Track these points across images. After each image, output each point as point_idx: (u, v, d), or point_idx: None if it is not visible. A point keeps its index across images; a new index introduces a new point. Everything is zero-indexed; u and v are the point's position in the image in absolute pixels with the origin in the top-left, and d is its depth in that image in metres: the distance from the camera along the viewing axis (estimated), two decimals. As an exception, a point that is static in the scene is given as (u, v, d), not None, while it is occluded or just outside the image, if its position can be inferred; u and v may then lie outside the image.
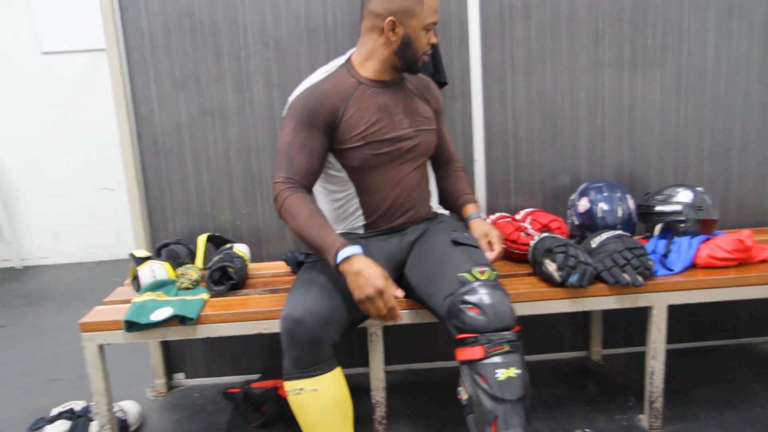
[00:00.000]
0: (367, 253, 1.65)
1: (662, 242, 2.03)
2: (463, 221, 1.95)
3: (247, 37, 2.25)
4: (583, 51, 2.30)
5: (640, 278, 1.81)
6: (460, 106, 2.31)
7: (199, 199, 2.34)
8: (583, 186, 2.20)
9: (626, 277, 1.80)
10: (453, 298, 1.56)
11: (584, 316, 2.46)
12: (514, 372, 1.48)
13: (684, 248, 1.97)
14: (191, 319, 1.78)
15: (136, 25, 2.21)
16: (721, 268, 1.93)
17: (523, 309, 1.82)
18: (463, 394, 1.52)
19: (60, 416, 1.99)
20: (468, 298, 1.53)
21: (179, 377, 2.47)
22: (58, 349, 2.93)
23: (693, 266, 1.96)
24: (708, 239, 1.99)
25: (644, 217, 2.14)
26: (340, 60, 1.81)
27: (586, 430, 1.76)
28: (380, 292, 1.50)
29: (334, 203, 1.86)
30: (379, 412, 1.91)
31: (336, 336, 1.59)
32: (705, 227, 2.06)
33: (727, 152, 2.41)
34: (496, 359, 1.48)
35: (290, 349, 1.55)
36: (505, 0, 2.26)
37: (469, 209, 1.96)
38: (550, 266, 1.85)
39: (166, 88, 2.27)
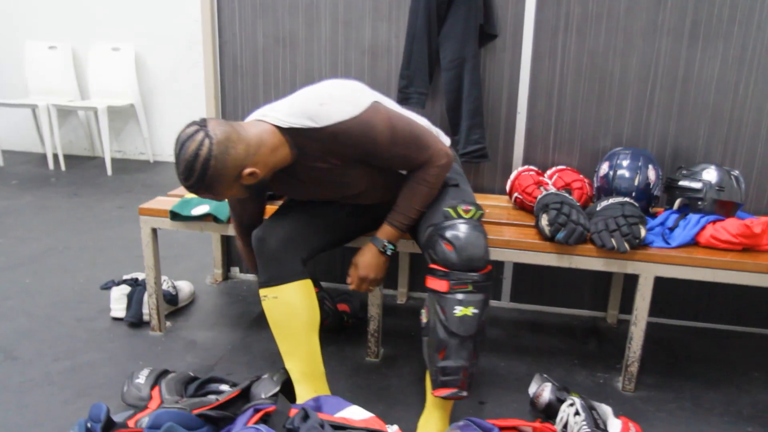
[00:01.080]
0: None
1: (674, 216, 2.04)
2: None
3: (320, -26, 2.46)
4: (642, 14, 2.26)
5: (626, 245, 1.86)
6: (509, 57, 2.38)
7: (264, 118, 2.63)
8: (611, 151, 2.22)
9: (612, 241, 1.86)
10: (433, 229, 1.66)
11: (606, 280, 2.51)
12: (471, 311, 1.59)
13: (690, 225, 1.96)
14: (221, 220, 2.09)
15: (225, -43, 2.50)
16: (723, 251, 1.91)
17: (512, 256, 1.97)
18: (424, 318, 1.69)
19: (125, 282, 2.43)
20: (446, 233, 1.63)
21: (235, 271, 2.87)
22: (154, 232, 3.43)
23: (695, 244, 1.96)
24: (718, 220, 1.96)
25: (669, 191, 2.14)
26: None
27: (544, 375, 1.86)
28: None
29: None
30: (373, 325, 2.15)
31: (303, 254, 1.78)
32: (725, 209, 2.03)
33: (789, 136, 2.29)
34: (458, 296, 1.60)
35: (258, 262, 1.78)
36: (566, -44, 2.27)
37: (380, 230, 1.78)
38: (543, 220, 1.94)
39: (247, 16, 2.55)
